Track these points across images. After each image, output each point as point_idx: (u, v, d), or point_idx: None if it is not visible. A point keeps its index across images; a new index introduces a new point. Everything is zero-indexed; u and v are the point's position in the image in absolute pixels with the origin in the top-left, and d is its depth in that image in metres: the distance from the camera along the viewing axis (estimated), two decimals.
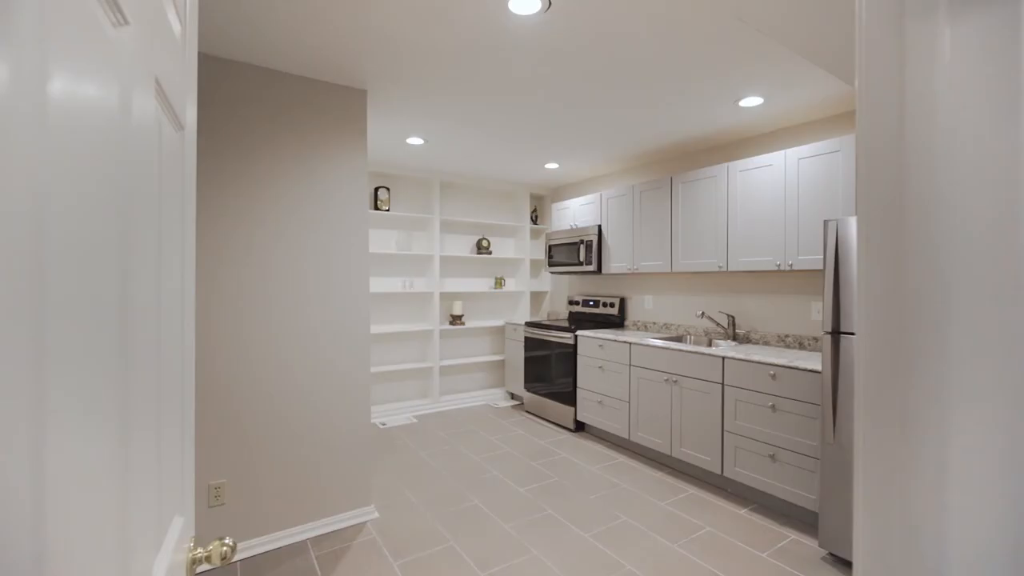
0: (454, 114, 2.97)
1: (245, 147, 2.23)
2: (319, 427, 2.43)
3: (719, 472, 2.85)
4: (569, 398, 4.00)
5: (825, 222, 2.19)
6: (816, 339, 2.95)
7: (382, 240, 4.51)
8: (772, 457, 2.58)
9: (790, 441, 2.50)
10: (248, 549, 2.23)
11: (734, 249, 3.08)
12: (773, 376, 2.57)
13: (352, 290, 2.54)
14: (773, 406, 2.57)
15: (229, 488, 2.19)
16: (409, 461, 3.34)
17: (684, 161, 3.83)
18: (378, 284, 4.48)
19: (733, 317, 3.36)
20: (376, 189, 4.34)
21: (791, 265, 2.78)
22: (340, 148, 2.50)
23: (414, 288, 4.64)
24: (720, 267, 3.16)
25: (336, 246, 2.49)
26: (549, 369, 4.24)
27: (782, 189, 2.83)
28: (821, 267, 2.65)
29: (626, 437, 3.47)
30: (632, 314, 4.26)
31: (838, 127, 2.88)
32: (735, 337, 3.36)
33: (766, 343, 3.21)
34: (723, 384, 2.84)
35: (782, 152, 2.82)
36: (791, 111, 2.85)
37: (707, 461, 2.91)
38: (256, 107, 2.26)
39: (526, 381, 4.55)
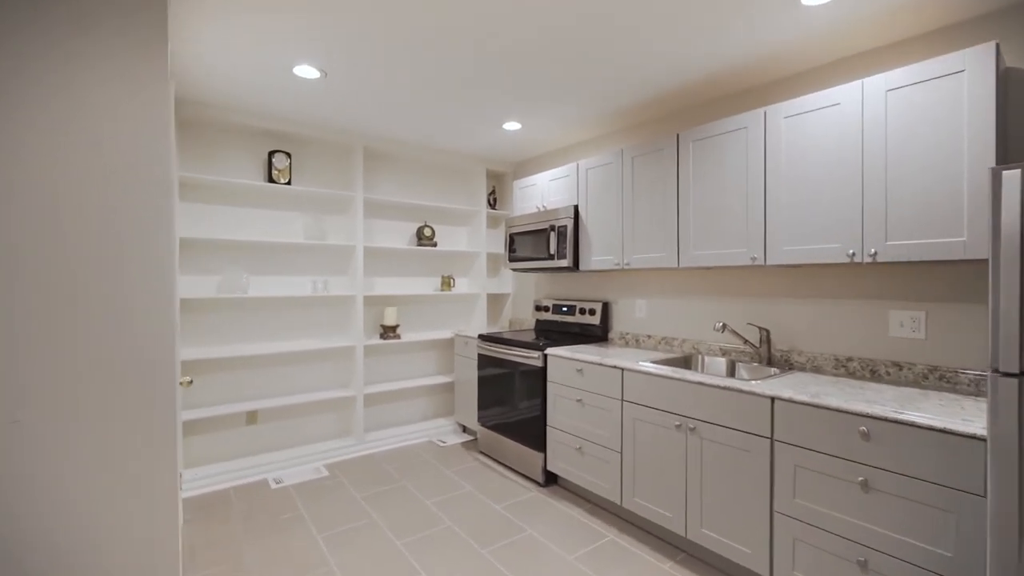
0: (359, 26, 1.85)
1: None
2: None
3: (767, 574, 1.84)
4: (537, 439, 2.94)
5: (994, 171, 1.20)
6: (899, 365, 1.99)
7: (281, 225, 3.32)
8: (863, 565, 1.59)
9: (897, 543, 1.52)
10: None
11: (776, 233, 2.09)
12: (865, 434, 1.58)
13: (135, 302, 1.38)
14: (864, 482, 1.58)
15: None
16: (292, 556, 2.19)
17: (696, 113, 2.82)
18: (277, 286, 3.29)
19: (767, 331, 2.37)
20: (270, 154, 3.14)
21: (874, 254, 1.80)
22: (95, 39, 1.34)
23: (329, 291, 3.47)
24: (755, 259, 2.16)
25: (102, 227, 1.33)
26: (510, 397, 3.17)
27: (858, 139, 1.85)
28: (919, 258, 1.68)
29: (617, 502, 2.44)
30: (618, 324, 3.24)
31: (948, 43, 1.92)
32: (771, 360, 2.38)
33: (817, 369, 2.24)
34: (772, 439, 1.83)
35: (858, 82, 1.85)
36: (869, 18, 1.88)
37: (746, 555, 1.91)
38: None
39: (480, 412, 3.46)
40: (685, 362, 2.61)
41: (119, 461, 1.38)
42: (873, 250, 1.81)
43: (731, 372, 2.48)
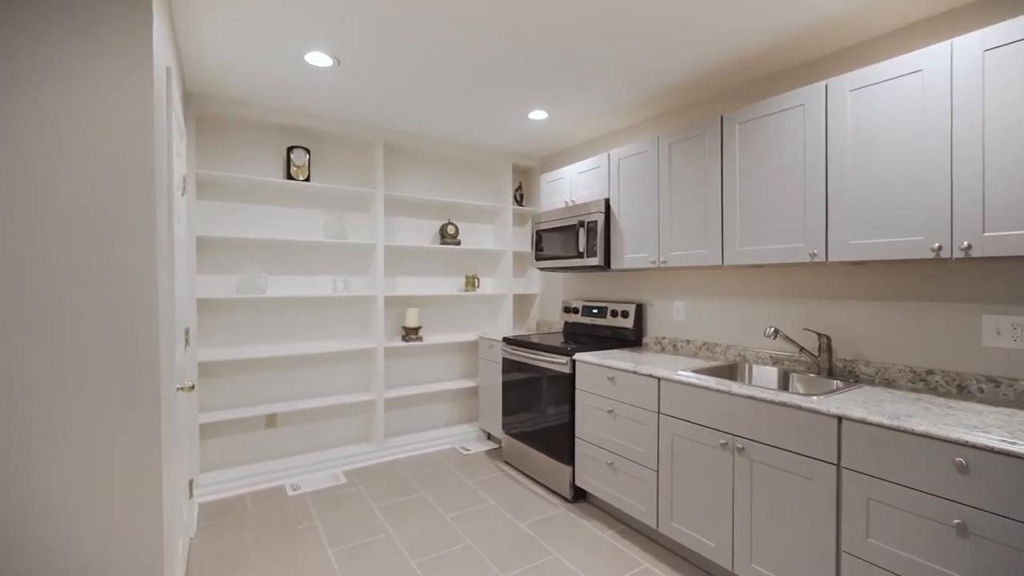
0: (372, 7, 1.70)
1: None
2: None
3: None
4: (564, 451, 2.72)
5: None
6: (995, 381, 1.67)
7: (300, 223, 3.23)
8: None
9: None
10: None
11: (841, 225, 1.81)
12: (963, 466, 1.29)
13: (120, 301, 1.27)
14: (962, 525, 1.30)
15: None
16: (300, 572, 2.06)
17: (739, 95, 2.54)
18: (296, 285, 3.20)
19: (828, 337, 2.08)
20: (289, 150, 3.06)
21: (968, 248, 1.50)
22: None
23: (350, 291, 3.37)
24: (814, 255, 1.88)
25: (85, 225, 1.22)
26: (537, 405, 2.97)
27: (946, 110, 1.55)
28: None
29: (653, 526, 2.20)
30: (654, 327, 2.99)
31: None
32: (831, 371, 2.09)
33: (888, 382, 1.93)
34: (839, 466, 1.56)
35: (945, 43, 1.55)
36: None
37: None
38: None
39: (505, 419, 3.27)
40: (730, 371, 2.34)
41: (103, 463, 1.28)
42: (966, 243, 1.51)
43: (784, 384, 2.19)
